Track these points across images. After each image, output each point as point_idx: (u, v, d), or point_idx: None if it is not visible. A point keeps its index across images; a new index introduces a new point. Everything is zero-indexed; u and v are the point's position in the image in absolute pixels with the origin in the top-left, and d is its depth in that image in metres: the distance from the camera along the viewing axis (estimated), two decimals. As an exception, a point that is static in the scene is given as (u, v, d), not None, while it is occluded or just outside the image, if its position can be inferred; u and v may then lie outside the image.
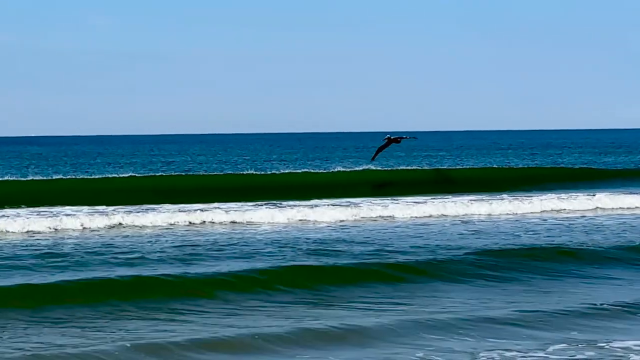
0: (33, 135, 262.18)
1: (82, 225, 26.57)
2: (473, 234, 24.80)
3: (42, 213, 28.55)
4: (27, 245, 22.47)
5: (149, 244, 22.70)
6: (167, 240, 23.50)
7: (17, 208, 30.15)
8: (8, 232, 25.45)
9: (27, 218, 27.07)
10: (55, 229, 25.97)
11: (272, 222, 28.10)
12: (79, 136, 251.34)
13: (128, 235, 24.87)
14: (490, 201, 32.25)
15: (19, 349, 12.15)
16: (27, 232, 25.53)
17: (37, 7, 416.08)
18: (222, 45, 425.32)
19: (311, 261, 19.27)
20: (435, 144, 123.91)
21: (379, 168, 44.71)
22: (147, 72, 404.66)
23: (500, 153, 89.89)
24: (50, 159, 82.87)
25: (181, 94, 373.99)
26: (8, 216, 27.58)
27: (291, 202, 31.86)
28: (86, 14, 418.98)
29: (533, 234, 24.56)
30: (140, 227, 26.77)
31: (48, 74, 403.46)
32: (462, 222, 28.16)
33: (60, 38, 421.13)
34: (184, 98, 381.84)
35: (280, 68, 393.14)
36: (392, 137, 30.46)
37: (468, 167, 56.75)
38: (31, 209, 30.08)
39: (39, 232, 25.48)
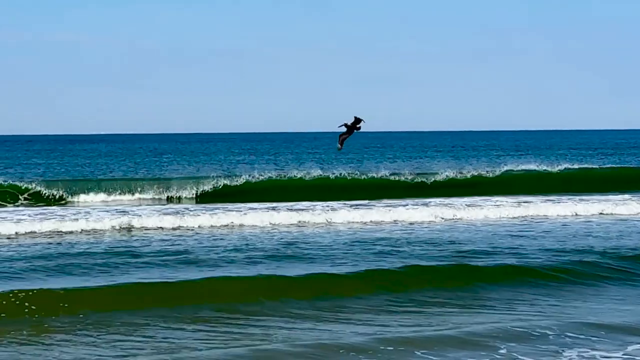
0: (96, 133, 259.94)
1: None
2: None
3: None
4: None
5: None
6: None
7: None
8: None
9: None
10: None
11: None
12: (150, 134, 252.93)
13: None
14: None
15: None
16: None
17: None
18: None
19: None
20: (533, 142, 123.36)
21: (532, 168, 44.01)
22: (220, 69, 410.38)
23: (598, 153, 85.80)
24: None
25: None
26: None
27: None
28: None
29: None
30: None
31: (122, 71, 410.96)
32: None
33: (134, 34, 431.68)
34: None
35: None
36: (349, 124, 30.37)
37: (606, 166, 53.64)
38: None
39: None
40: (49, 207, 31.26)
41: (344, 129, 31.23)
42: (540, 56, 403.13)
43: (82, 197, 35.92)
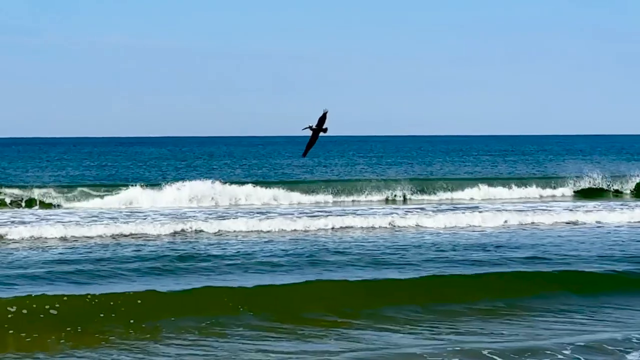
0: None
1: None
2: None
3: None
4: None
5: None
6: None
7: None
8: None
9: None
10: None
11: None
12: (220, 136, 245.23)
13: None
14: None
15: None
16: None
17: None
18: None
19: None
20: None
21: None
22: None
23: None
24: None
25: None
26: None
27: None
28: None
29: None
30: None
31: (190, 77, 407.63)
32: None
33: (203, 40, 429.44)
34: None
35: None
36: (314, 126, 32.41)
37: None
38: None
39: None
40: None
41: (308, 132, 34.63)
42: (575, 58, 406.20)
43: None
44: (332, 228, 26.35)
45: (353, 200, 37.80)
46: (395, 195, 38.79)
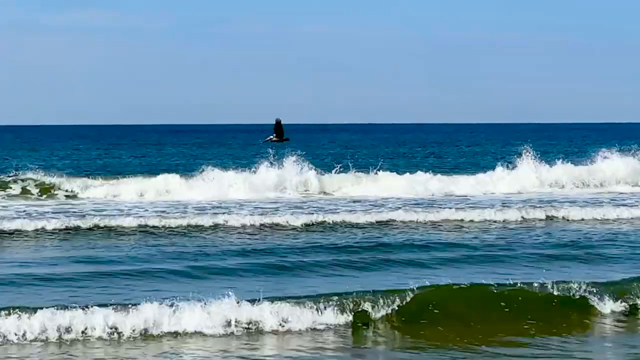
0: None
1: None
2: None
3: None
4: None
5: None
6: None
7: None
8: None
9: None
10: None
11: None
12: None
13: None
14: None
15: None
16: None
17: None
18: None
19: None
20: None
21: None
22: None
23: None
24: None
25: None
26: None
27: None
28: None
29: None
30: None
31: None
32: None
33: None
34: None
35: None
36: (274, 138, 30.05)
37: None
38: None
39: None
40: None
41: (269, 143, 30.59)
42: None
43: None
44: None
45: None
46: None
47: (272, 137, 30.51)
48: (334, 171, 36.59)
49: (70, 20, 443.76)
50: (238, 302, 13.33)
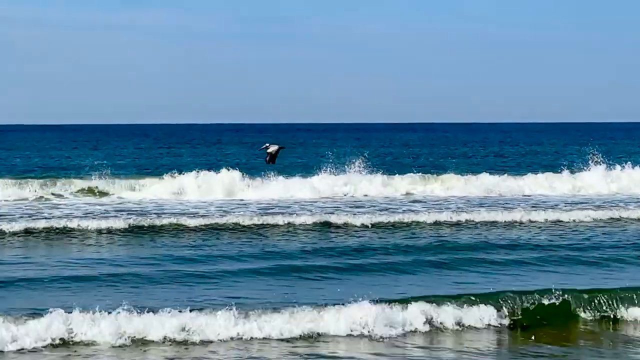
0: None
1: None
2: None
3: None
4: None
5: None
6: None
7: None
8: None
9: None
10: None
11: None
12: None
13: None
14: None
15: None
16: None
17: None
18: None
19: None
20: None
21: None
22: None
23: None
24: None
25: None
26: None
27: None
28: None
29: None
30: None
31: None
32: None
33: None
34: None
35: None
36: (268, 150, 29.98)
37: None
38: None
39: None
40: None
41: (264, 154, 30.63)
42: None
43: None
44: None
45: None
46: None
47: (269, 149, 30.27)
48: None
49: (131, 19, 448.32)
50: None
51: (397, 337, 13.13)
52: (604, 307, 14.44)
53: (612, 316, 14.38)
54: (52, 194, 33.05)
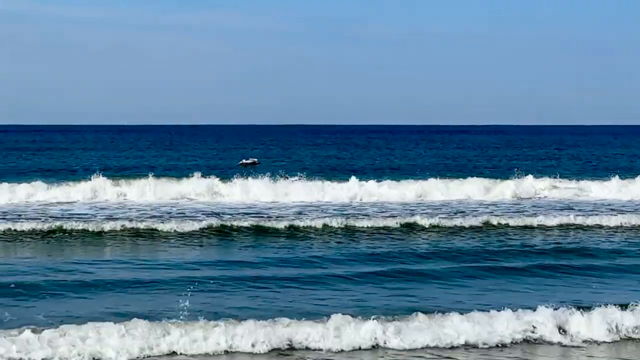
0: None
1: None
2: None
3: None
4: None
5: None
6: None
7: None
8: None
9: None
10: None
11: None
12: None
13: None
14: None
15: None
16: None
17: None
18: None
19: None
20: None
21: None
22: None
23: None
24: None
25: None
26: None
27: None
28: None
29: None
30: None
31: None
32: None
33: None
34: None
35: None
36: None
37: None
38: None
39: None
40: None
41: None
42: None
43: None
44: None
45: None
46: None
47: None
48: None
49: (198, 20, 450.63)
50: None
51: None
52: None
53: None
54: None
